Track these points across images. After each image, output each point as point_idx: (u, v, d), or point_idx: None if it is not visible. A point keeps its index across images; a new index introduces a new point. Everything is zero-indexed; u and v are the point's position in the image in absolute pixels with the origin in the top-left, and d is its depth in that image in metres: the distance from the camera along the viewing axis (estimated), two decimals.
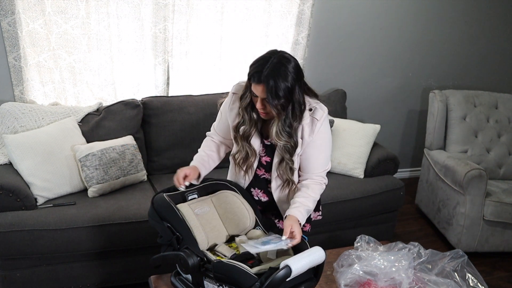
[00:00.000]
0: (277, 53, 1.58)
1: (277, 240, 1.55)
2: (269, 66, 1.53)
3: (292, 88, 1.54)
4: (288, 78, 1.53)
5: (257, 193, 1.84)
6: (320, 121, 1.66)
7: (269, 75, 1.52)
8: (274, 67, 1.53)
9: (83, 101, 2.80)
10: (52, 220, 2.18)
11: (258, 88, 1.55)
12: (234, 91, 1.75)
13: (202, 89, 3.02)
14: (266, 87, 1.52)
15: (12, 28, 2.46)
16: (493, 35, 3.84)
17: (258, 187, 1.83)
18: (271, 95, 1.52)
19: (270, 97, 1.53)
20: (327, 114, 1.72)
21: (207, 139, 1.91)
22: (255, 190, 1.84)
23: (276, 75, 1.52)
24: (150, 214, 1.63)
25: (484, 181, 2.78)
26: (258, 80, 1.54)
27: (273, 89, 1.51)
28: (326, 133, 1.71)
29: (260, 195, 1.84)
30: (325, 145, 1.72)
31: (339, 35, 3.36)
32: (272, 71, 1.52)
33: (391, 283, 1.51)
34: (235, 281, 1.36)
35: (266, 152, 1.76)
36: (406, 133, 3.97)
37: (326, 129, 1.71)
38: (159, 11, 2.73)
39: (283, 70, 1.53)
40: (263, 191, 1.83)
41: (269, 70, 1.52)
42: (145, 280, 2.25)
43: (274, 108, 1.56)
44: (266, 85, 1.52)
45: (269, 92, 1.52)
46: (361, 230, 2.70)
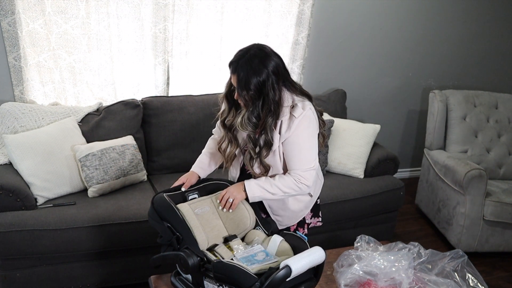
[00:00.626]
0: (257, 46, 1.63)
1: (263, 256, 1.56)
2: (245, 58, 1.59)
3: (264, 82, 1.58)
4: (261, 72, 1.57)
5: None
6: (298, 119, 1.65)
7: (242, 66, 1.58)
8: (248, 59, 1.58)
9: (83, 101, 2.80)
10: (52, 220, 2.18)
11: (233, 77, 1.62)
12: None
13: (202, 89, 3.02)
14: (237, 77, 1.58)
15: (12, 28, 2.46)
16: (493, 35, 3.84)
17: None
18: (240, 86, 1.59)
19: (239, 87, 1.59)
20: (310, 113, 1.69)
21: (210, 138, 1.98)
22: None
23: (248, 67, 1.57)
24: (150, 214, 1.63)
25: (484, 181, 2.78)
26: (232, 70, 1.62)
27: (243, 80, 1.57)
28: (304, 132, 1.68)
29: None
30: (303, 143, 1.70)
31: (339, 35, 3.36)
32: (246, 63, 1.58)
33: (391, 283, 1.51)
34: (235, 281, 1.36)
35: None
36: (406, 133, 3.97)
37: (305, 127, 1.68)
38: (159, 11, 2.73)
39: (256, 63, 1.57)
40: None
41: (243, 61, 1.58)
42: (145, 280, 2.25)
43: (242, 99, 1.62)
44: (237, 76, 1.58)
45: (239, 83, 1.58)
46: (361, 230, 2.70)
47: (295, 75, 3.22)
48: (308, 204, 1.90)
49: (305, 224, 1.95)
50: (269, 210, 1.86)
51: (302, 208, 1.88)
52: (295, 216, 1.89)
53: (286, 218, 1.87)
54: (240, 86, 1.59)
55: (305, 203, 1.88)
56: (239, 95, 1.62)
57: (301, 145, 1.69)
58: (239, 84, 1.59)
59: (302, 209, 1.89)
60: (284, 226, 1.89)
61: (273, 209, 1.85)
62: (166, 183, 2.62)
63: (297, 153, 1.70)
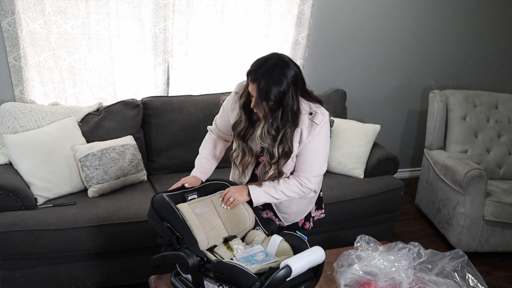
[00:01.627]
0: (277, 56, 1.58)
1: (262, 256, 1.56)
2: (265, 67, 1.54)
3: (284, 92, 1.54)
4: (282, 82, 1.53)
5: None
6: (319, 126, 1.67)
7: (262, 75, 1.53)
8: (269, 68, 1.53)
9: (83, 101, 2.80)
10: (52, 220, 2.18)
11: (252, 86, 1.57)
12: (236, 90, 1.76)
13: (202, 89, 3.02)
14: (257, 87, 1.54)
15: (12, 28, 2.46)
16: (493, 35, 3.84)
17: None
18: (260, 96, 1.53)
19: (259, 98, 1.54)
20: (328, 119, 1.71)
21: (206, 138, 1.94)
22: None
23: (269, 77, 1.52)
24: (149, 215, 1.63)
25: (484, 181, 2.78)
26: (252, 78, 1.56)
27: (263, 90, 1.52)
28: (323, 139, 1.70)
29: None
30: (319, 150, 1.71)
31: (339, 35, 3.36)
32: (266, 72, 1.53)
33: (391, 283, 1.51)
34: (235, 281, 1.36)
35: (263, 151, 1.76)
36: (406, 133, 3.97)
37: (324, 134, 1.70)
38: (159, 11, 2.73)
39: (277, 73, 1.53)
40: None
41: (263, 70, 1.53)
42: (145, 280, 2.25)
43: (262, 110, 1.57)
44: (257, 85, 1.53)
45: (259, 92, 1.53)
46: (361, 230, 2.70)
47: None
48: (312, 199, 1.92)
49: (310, 217, 1.96)
50: (275, 208, 1.86)
51: (307, 204, 1.90)
52: (300, 212, 1.90)
53: (292, 215, 1.89)
54: (260, 96, 1.54)
55: (309, 199, 1.90)
56: (257, 105, 1.57)
57: (317, 152, 1.70)
58: (259, 94, 1.54)
59: (307, 204, 1.91)
60: (290, 222, 1.90)
61: (280, 207, 1.86)
62: (166, 183, 2.62)
63: (311, 159, 1.71)
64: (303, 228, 1.95)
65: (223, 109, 1.86)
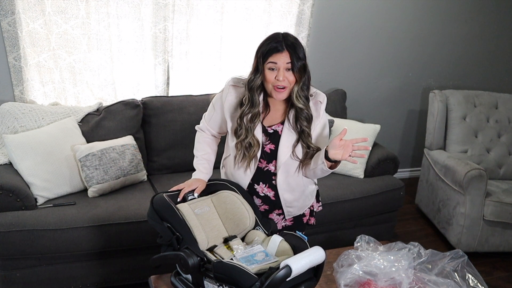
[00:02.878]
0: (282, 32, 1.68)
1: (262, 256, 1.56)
2: (285, 37, 1.64)
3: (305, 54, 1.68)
4: (302, 44, 1.67)
5: (262, 189, 1.80)
6: (323, 103, 1.76)
7: (290, 42, 1.63)
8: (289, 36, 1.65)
9: (83, 101, 2.80)
10: (52, 220, 2.18)
11: (282, 56, 1.62)
12: (232, 83, 1.76)
13: (202, 89, 3.02)
14: (290, 52, 1.61)
15: (12, 28, 2.46)
16: (493, 35, 3.84)
17: (262, 181, 1.79)
18: (296, 57, 1.62)
19: (295, 59, 1.62)
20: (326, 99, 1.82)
21: (198, 139, 1.91)
22: (260, 185, 1.80)
23: (295, 42, 1.64)
24: (149, 215, 1.63)
25: (484, 181, 2.78)
26: (281, 48, 1.62)
27: (296, 52, 1.62)
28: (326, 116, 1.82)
29: (265, 190, 1.80)
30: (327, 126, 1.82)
31: (339, 35, 3.36)
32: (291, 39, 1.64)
33: (391, 283, 1.51)
34: (235, 281, 1.36)
35: (270, 139, 1.76)
36: (406, 133, 3.97)
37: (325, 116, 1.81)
38: (159, 11, 2.73)
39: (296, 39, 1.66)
40: (267, 185, 1.79)
41: (288, 39, 1.63)
42: (145, 280, 2.25)
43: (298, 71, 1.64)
44: (290, 50, 1.62)
45: (294, 55, 1.62)
46: (361, 230, 2.70)
47: None
48: (313, 193, 1.94)
49: (314, 213, 1.97)
50: (283, 203, 1.83)
51: (309, 197, 1.91)
52: (303, 206, 1.91)
53: (297, 208, 1.88)
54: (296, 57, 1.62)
55: (311, 192, 1.91)
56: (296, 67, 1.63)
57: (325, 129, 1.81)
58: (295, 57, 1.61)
59: (309, 198, 1.91)
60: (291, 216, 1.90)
61: (288, 201, 1.83)
62: (166, 183, 2.62)
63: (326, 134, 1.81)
64: (307, 224, 1.95)
65: (213, 106, 1.85)
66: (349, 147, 1.61)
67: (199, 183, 1.76)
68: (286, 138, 1.73)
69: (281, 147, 1.73)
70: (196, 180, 1.77)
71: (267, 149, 1.76)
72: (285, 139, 1.73)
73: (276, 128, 1.75)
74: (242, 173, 1.78)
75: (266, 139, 1.76)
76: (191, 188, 1.73)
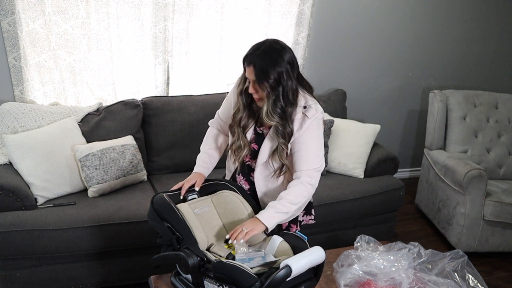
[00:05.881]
0: (271, 40, 1.64)
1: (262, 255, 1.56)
2: (260, 49, 1.59)
3: (282, 72, 1.59)
4: (278, 61, 1.58)
5: (240, 180, 1.88)
6: (310, 119, 1.67)
7: (259, 56, 1.58)
8: (265, 49, 1.59)
9: (83, 101, 2.80)
10: (52, 220, 2.18)
11: (249, 70, 1.61)
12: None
13: (202, 89, 3.02)
14: (254, 68, 1.58)
15: (12, 28, 2.46)
16: (493, 35, 3.84)
17: (242, 174, 1.87)
18: (259, 75, 1.58)
19: (258, 77, 1.58)
20: (322, 116, 1.72)
21: (207, 134, 1.96)
22: (239, 176, 1.88)
23: (266, 57, 1.58)
24: (149, 215, 1.63)
25: (484, 181, 2.78)
26: (248, 61, 1.60)
27: (262, 69, 1.57)
28: (314, 132, 1.70)
29: (242, 183, 1.87)
30: (311, 143, 1.71)
31: (339, 35, 3.36)
32: (262, 53, 1.59)
33: (391, 283, 1.51)
34: (235, 281, 1.36)
35: (255, 139, 1.79)
36: (406, 133, 3.97)
37: (315, 129, 1.70)
38: (159, 11, 2.73)
39: (274, 53, 1.59)
40: (245, 179, 1.86)
41: (260, 52, 1.59)
42: (145, 280, 2.25)
43: (264, 89, 1.60)
44: (254, 66, 1.58)
45: (258, 72, 1.58)
46: (361, 230, 2.70)
47: None
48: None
49: (297, 221, 1.94)
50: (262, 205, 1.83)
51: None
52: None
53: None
54: (258, 76, 1.58)
55: None
56: (258, 87, 1.60)
57: (309, 145, 1.70)
58: (257, 75, 1.58)
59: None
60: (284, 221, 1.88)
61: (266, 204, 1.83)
62: (166, 183, 2.62)
63: (305, 153, 1.70)
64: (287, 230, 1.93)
65: (227, 99, 1.88)
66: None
67: (196, 177, 1.78)
68: (267, 143, 1.74)
69: (262, 150, 1.75)
70: (194, 175, 1.80)
71: (252, 147, 1.80)
72: (266, 144, 1.74)
73: (264, 130, 1.77)
74: (232, 163, 1.87)
75: (253, 138, 1.79)
76: (190, 183, 1.75)
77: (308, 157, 1.71)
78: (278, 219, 1.67)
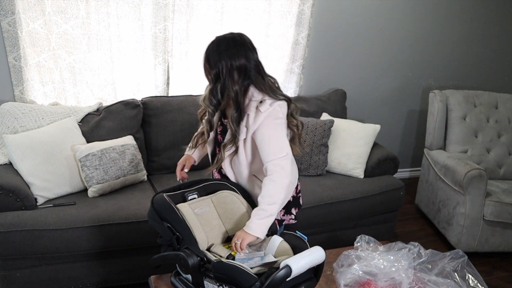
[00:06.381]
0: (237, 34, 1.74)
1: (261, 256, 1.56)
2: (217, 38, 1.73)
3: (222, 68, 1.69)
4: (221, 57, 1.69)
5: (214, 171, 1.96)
6: (263, 114, 1.69)
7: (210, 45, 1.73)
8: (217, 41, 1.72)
9: (83, 101, 2.80)
10: (52, 220, 2.18)
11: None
12: None
13: (202, 89, 2.99)
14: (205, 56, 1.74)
15: (12, 28, 2.46)
16: (493, 35, 3.84)
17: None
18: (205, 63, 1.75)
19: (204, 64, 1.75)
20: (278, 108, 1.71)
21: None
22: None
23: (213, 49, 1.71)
24: (149, 215, 1.63)
25: (484, 181, 2.78)
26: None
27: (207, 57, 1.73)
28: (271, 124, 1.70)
29: (215, 175, 1.96)
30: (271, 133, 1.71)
31: (339, 35, 3.36)
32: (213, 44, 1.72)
33: (391, 283, 1.51)
34: (235, 281, 1.36)
35: (222, 130, 1.87)
36: (406, 133, 3.97)
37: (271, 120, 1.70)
38: (159, 11, 2.73)
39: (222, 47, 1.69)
40: (217, 170, 1.93)
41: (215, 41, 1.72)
42: (145, 280, 2.25)
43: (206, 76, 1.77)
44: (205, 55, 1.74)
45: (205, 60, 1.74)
46: (361, 230, 2.70)
47: (295, 75, 3.22)
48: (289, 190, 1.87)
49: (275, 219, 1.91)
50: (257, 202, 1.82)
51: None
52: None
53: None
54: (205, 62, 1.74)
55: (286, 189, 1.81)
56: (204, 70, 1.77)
57: (268, 136, 1.72)
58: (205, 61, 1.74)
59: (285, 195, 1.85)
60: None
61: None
62: (166, 183, 2.62)
63: (266, 144, 1.71)
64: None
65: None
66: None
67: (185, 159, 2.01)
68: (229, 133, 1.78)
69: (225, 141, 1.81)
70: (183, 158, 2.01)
71: (219, 139, 1.87)
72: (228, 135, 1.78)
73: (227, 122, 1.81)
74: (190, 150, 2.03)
75: (220, 129, 1.87)
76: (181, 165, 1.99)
77: (270, 148, 1.71)
78: (266, 225, 1.64)
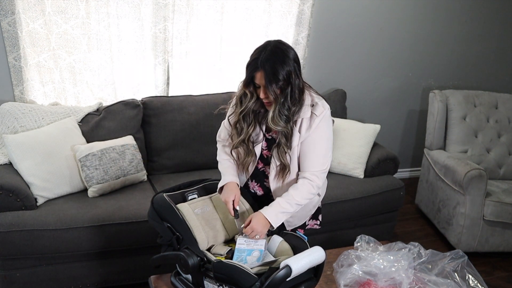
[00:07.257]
0: (273, 41, 1.60)
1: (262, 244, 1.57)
2: (266, 52, 1.55)
3: (290, 71, 1.55)
4: (286, 61, 1.55)
5: (253, 186, 1.85)
6: (319, 117, 1.65)
7: (266, 59, 1.53)
8: (271, 51, 1.55)
9: (83, 101, 2.80)
10: (52, 220, 2.18)
11: (257, 75, 1.56)
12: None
13: (202, 89, 3.02)
14: (264, 71, 1.53)
15: (12, 28, 2.46)
16: (493, 35, 3.84)
17: (255, 180, 1.84)
18: (269, 79, 1.53)
19: (268, 81, 1.53)
20: (329, 112, 1.69)
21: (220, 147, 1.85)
22: (252, 182, 1.85)
23: (273, 59, 1.53)
24: (150, 215, 1.63)
25: (484, 181, 2.78)
26: (255, 66, 1.55)
27: (271, 72, 1.53)
28: (324, 131, 1.67)
29: (256, 188, 1.85)
30: (321, 142, 1.68)
31: (339, 35, 3.36)
32: (269, 56, 1.54)
33: (391, 283, 1.51)
34: (235, 281, 1.37)
35: (267, 146, 1.75)
36: (406, 133, 3.97)
37: (325, 127, 1.67)
38: (159, 11, 2.73)
39: (280, 54, 1.55)
40: (259, 185, 1.84)
41: (266, 55, 1.54)
42: (145, 280, 2.25)
43: (272, 93, 1.55)
44: (264, 70, 1.53)
45: (268, 76, 1.53)
46: (361, 230, 2.70)
47: None
48: (316, 203, 1.91)
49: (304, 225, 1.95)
50: None
51: (311, 208, 1.89)
52: (304, 216, 1.89)
53: (297, 218, 1.87)
54: (268, 79, 1.53)
55: (313, 203, 1.88)
56: (267, 90, 1.55)
57: (318, 145, 1.67)
58: (267, 78, 1.53)
59: (310, 208, 1.89)
60: (293, 227, 1.88)
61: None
62: (166, 183, 2.62)
63: (313, 153, 1.67)
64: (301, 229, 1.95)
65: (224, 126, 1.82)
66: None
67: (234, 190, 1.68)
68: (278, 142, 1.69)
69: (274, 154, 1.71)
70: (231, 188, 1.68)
71: (264, 155, 1.77)
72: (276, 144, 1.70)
73: (273, 135, 1.73)
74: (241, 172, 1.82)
75: (265, 144, 1.76)
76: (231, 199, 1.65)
77: (317, 158, 1.68)
78: (283, 218, 1.66)
